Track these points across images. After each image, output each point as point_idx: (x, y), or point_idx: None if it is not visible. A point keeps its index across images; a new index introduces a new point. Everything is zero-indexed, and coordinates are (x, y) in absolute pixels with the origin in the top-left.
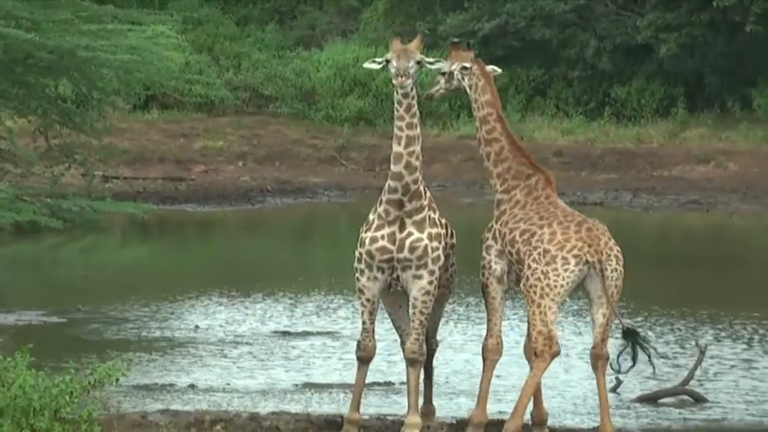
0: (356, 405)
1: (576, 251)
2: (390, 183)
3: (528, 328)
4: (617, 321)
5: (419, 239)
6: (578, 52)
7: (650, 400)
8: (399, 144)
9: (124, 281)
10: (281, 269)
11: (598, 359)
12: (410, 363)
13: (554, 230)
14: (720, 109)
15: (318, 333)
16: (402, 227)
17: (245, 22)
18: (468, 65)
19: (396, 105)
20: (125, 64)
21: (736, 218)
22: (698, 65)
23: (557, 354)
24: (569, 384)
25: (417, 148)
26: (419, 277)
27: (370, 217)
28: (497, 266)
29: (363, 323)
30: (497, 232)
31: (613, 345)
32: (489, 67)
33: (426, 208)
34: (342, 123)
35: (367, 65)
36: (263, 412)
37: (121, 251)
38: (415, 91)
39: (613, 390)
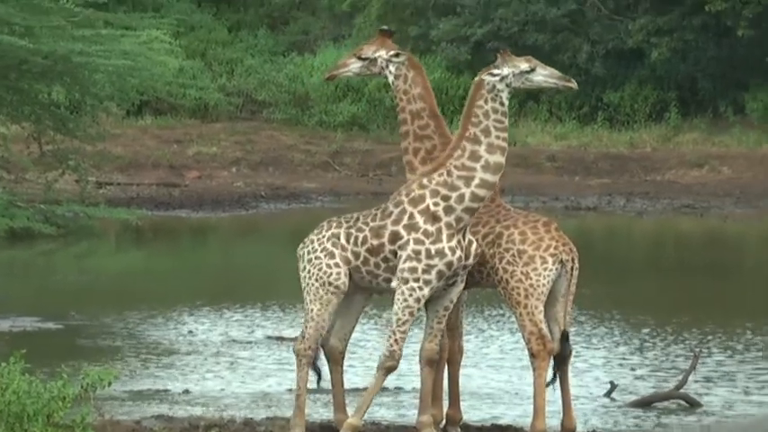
0: (363, 413)
1: (552, 250)
2: (479, 191)
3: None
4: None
5: (477, 246)
6: (571, 57)
7: (644, 404)
8: (503, 154)
9: (118, 287)
10: (274, 275)
11: (564, 357)
12: (430, 363)
13: (523, 231)
14: (713, 113)
15: None
16: (464, 234)
17: (238, 27)
18: (400, 52)
19: (499, 116)
20: (118, 69)
21: (730, 222)
22: (690, 69)
23: (552, 350)
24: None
25: None
26: (462, 281)
27: (429, 228)
28: None
29: (404, 333)
30: None
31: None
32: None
33: None
34: (335, 129)
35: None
36: (258, 418)
37: (115, 257)
38: None
39: (608, 394)
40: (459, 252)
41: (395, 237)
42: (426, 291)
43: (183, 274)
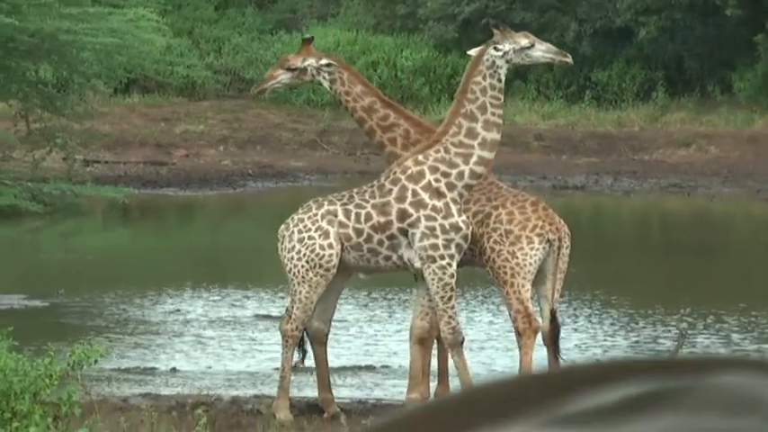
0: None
1: (538, 230)
2: (477, 168)
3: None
4: None
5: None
6: (559, 36)
7: None
8: (499, 131)
9: (105, 265)
10: (262, 253)
11: (555, 335)
12: (420, 341)
13: (511, 211)
14: (701, 93)
15: None
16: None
17: (225, 5)
18: (331, 62)
19: (496, 93)
20: (106, 47)
21: (717, 201)
22: (678, 48)
23: (538, 329)
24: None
25: None
26: None
27: (436, 203)
28: None
29: (453, 307)
30: None
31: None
32: None
33: None
34: (323, 107)
35: (474, 52)
36: (245, 396)
37: (102, 235)
38: None
39: None
40: (469, 226)
41: (403, 214)
42: (455, 264)
43: (170, 252)
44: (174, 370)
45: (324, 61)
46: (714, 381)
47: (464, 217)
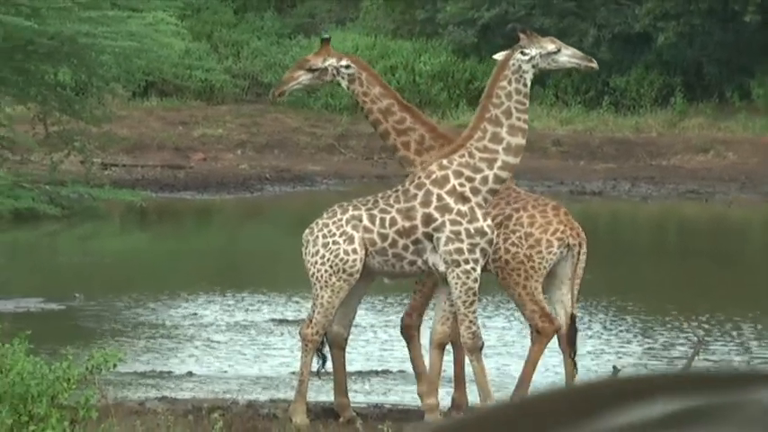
0: (491, 395)
1: (559, 234)
2: (501, 173)
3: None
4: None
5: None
6: (578, 41)
7: None
8: (524, 136)
9: (122, 268)
10: (279, 257)
11: (573, 340)
12: (440, 346)
13: (532, 214)
14: (719, 99)
15: None
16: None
17: (244, 9)
18: (350, 63)
19: (521, 98)
20: (125, 50)
21: (735, 208)
22: (696, 54)
23: (559, 328)
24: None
25: None
26: None
27: (461, 208)
28: None
29: (474, 312)
30: None
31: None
32: None
33: None
34: (341, 112)
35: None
36: (261, 400)
37: (120, 239)
38: None
39: None
40: (494, 230)
41: (428, 219)
42: (479, 269)
43: (188, 256)
44: (190, 374)
45: (344, 62)
46: (756, 396)
47: (489, 221)
